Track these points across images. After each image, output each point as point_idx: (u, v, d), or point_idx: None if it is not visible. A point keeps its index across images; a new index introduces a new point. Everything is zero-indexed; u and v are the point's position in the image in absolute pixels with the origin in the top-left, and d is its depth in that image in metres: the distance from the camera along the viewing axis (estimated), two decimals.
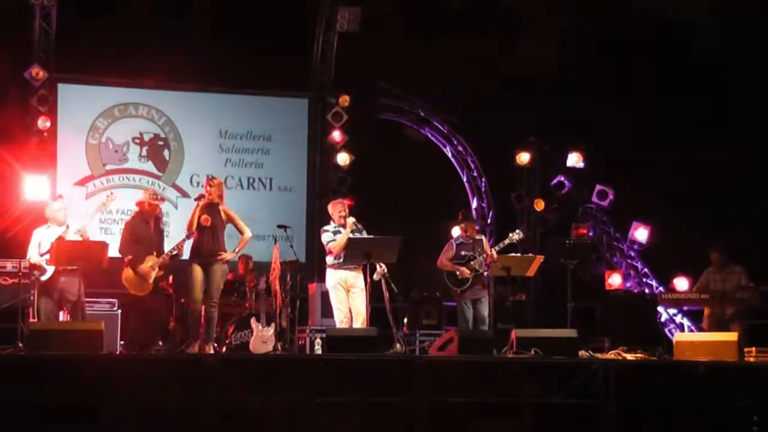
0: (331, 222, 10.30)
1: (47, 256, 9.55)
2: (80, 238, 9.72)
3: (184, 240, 9.84)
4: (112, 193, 10.68)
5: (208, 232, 9.84)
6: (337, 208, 10.29)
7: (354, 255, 9.99)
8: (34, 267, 9.71)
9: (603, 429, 8.38)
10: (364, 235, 10.22)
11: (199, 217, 9.77)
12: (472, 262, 10.74)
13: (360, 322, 9.96)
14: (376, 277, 10.28)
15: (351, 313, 10.06)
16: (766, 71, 13.44)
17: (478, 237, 11.02)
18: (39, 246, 9.72)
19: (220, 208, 9.93)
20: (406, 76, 14.61)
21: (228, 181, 14.15)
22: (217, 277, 9.90)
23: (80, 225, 9.80)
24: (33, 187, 12.60)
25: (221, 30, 13.64)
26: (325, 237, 10.23)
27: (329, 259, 10.22)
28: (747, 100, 13.57)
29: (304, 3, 14.35)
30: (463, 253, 10.87)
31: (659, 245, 14.48)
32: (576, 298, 10.78)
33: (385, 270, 10.36)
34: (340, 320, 10.14)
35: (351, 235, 10.03)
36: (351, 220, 10.16)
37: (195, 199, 9.91)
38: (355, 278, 10.12)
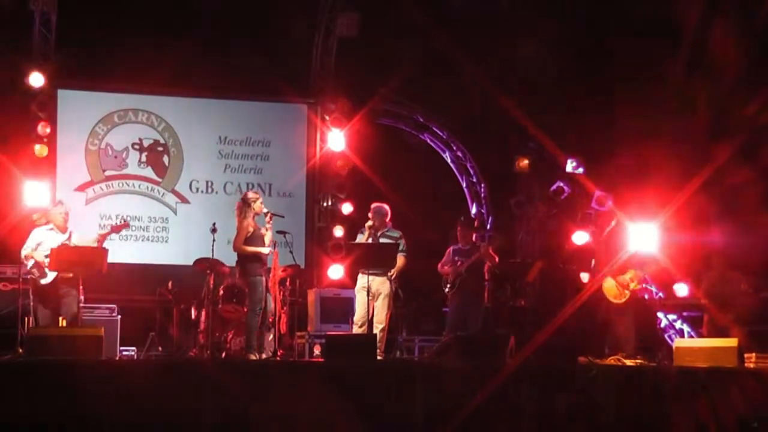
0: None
1: (47, 260, 9.56)
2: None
3: None
4: (126, 222, 10.79)
5: None
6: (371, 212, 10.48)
7: (358, 259, 10.09)
8: (30, 262, 9.70)
9: None
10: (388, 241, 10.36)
11: None
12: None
13: (380, 329, 10.04)
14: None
15: (368, 317, 10.13)
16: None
17: (477, 244, 11.10)
18: (37, 246, 9.72)
19: None
20: (405, 82, 14.60)
21: (227, 186, 14.18)
22: None
23: (97, 235, 9.94)
24: (33, 193, 12.58)
25: (221, 36, 13.64)
26: (358, 237, 10.46)
27: None
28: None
29: (303, 9, 14.35)
30: (456, 258, 10.98)
31: (659, 250, 14.42)
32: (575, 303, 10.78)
33: (394, 275, 10.40)
34: (355, 321, 10.22)
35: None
36: (368, 224, 10.30)
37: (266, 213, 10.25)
38: (381, 284, 10.19)
